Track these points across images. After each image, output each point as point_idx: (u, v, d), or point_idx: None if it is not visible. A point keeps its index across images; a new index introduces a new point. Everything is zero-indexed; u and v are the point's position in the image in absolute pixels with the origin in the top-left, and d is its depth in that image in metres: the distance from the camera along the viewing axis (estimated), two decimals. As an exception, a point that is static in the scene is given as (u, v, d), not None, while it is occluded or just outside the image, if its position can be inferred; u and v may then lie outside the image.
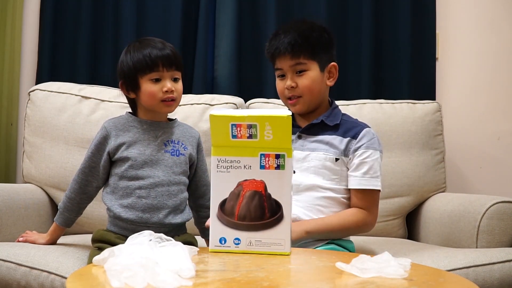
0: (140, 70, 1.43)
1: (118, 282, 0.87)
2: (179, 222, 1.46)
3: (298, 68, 1.59)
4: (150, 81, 1.44)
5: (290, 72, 1.60)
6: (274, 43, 1.61)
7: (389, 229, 2.09)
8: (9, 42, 2.25)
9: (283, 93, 1.64)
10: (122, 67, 1.47)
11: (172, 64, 1.45)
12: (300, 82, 1.59)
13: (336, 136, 1.60)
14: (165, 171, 1.45)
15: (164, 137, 1.48)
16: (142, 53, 1.44)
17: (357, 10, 2.42)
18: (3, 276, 1.39)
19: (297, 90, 1.60)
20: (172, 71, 1.46)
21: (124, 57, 1.48)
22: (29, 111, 2.03)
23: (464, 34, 2.45)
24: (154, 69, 1.43)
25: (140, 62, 1.43)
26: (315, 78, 1.60)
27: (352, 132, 1.61)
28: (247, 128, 1.19)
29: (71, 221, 1.50)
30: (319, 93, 1.63)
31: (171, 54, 1.45)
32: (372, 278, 0.98)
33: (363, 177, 1.57)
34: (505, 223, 1.67)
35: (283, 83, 1.62)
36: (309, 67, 1.60)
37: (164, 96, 1.44)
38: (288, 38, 1.58)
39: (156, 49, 1.44)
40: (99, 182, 1.48)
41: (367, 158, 1.58)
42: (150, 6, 2.40)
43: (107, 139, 1.46)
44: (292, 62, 1.59)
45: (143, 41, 1.48)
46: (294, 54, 1.58)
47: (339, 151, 1.58)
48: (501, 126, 2.40)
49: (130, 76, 1.45)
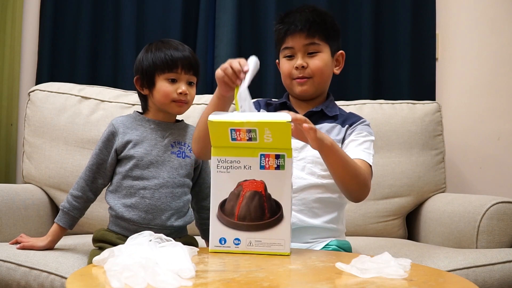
0: (159, 68, 1.45)
1: (118, 282, 0.87)
2: (181, 225, 1.46)
3: (311, 48, 1.55)
4: (166, 81, 1.45)
5: (302, 51, 1.55)
6: (288, 20, 1.56)
7: (389, 230, 2.09)
8: (9, 42, 2.25)
9: (290, 73, 1.57)
10: (141, 63, 1.49)
11: (190, 68, 1.47)
12: (312, 63, 1.54)
13: (335, 125, 1.57)
14: (170, 173, 1.45)
15: (171, 138, 1.49)
16: (164, 52, 1.46)
17: (357, 10, 2.42)
18: (3, 277, 1.39)
19: (307, 71, 1.54)
20: (189, 75, 1.48)
21: (145, 54, 1.50)
22: (29, 112, 2.03)
23: (464, 35, 2.46)
24: (173, 69, 1.45)
25: (161, 60, 1.45)
26: (326, 61, 1.56)
27: (350, 121, 1.58)
28: (247, 132, 1.18)
29: (75, 222, 1.48)
30: (328, 78, 1.59)
31: (192, 58, 1.48)
32: (372, 279, 0.98)
33: (358, 147, 1.51)
34: (505, 223, 1.68)
35: (291, 63, 1.57)
36: (321, 49, 1.55)
37: (177, 97, 1.45)
38: (305, 16, 1.54)
39: (178, 51, 1.47)
40: (106, 180, 1.48)
41: (361, 137, 1.53)
42: (150, 7, 2.40)
43: (115, 136, 1.46)
44: (307, 41, 1.54)
45: (167, 41, 1.51)
46: (309, 33, 1.53)
47: (338, 139, 1.55)
48: (501, 126, 2.40)
49: (148, 72, 1.47)
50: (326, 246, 1.53)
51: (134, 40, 2.35)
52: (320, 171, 1.53)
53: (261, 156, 1.20)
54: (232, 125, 1.18)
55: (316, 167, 1.51)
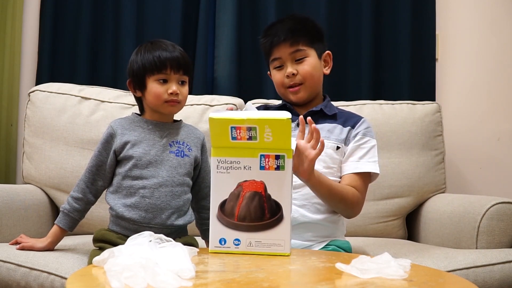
0: (148, 70, 1.46)
1: (118, 282, 0.87)
2: (181, 224, 1.46)
3: (297, 55, 1.59)
4: (157, 82, 1.46)
5: (289, 60, 1.60)
6: (271, 32, 1.61)
7: (389, 230, 2.09)
8: (9, 43, 2.25)
9: (282, 83, 1.62)
10: (132, 66, 1.50)
11: (180, 67, 1.47)
12: (301, 69, 1.59)
13: (336, 125, 1.61)
14: (170, 172, 1.45)
15: (169, 138, 1.49)
16: (152, 53, 1.46)
17: (357, 11, 2.42)
18: (3, 277, 1.39)
19: (298, 77, 1.60)
20: (180, 75, 1.48)
21: (135, 56, 1.50)
22: (29, 112, 2.03)
23: (464, 35, 2.46)
24: (161, 70, 1.45)
25: (149, 62, 1.45)
26: (314, 64, 1.61)
27: (351, 122, 1.63)
28: (247, 130, 1.18)
29: (75, 224, 1.48)
30: (318, 80, 1.64)
31: (180, 57, 1.48)
32: (372, 279, 0.98)
33: (359, 161, 1.57)
34: (505, 223, 1.68)
35: (281, 73, 1.62)
36: (308, 54, 1.60)
37: (169, 98, 1.46)
38: (287, 25, 1.59)
39: (166, 51, 1.47)
40: (106, 182, 1.48)
41: (364, 144, 1.59)
42: (150, 7, 2.40)
43: (114, 137, 1.47)
44: (292, 49, 1.59)
45: (155, 42, 1.51)
46: (293, 40, 1.58)
47: (340, 139, 1.58)
48: (501, 127, 2.40)
49: (139, 75, 1.47)
50: (326, 246, 1.53)
51: (134, 40, 2.35)
52: (323, 168, 1.54)
53: (261, 157, 1.20)
54: (232, 122, 1.18)
55: (319, 164, 1.52)
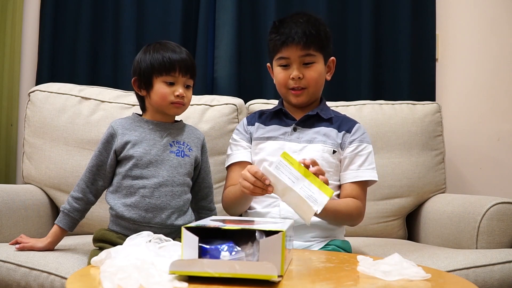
0: (156, 70, 1.46)
1: (110, 284, 0.87)
2: (181, 224, 1.46)
3: (307, 59, 1.58)
4: (164, 83, 1.46)
5: (298, 62, 1.58)
6: (284, 31, 1.58)
7: (389, 230, 2.09)
8: (9, 43, 2.25)
9: (286, 83, 1.61)
10: (139, 65, 1.50)
11: (188, 71, 1.48)
12: (308, 74, 1.59)
13: (332, 129, 1.61)
14: (170, 171, 1.46)
15: (169, 138, 1.50)
16: (162, 54, 1.47)
17: (357, 11, 2.42)
18: (3, 277, 1.39)
19: (303, 82, 1.59)
20: (186, 78, 1.49)
21: (143, 55, 1.50)
22: (29, 112, 2.03)
23: (464, 35, 2.45)
24: (170, 72, 1.46)
25: (159, 62, 1.46)
26: (321, 71, 1.61)
27: (346, 127, 1.63)
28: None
29: (75, 224, 1.48)
30: (321, 86, 1.65)
31: (189, 62, 1.49)
32: (373, 279, 0.98)
33: (359, 169, 1.58)
34: (505, 224, 1.67)
35: (286, 72, 1.60)
36: (316, 60, 1.59)
37: (174, 99, 1.46)
38: (301, 27, 1.56)
39: (176, 53, 1.48)
40: (106, 182, 1.48)
41: (362, 151, 1.59)
42: (150, 7, 2.40)
43: (114, 137, 1.47)
44: (302, 52, 1.57)
45: (165, 43, 1.51)
46: (306, 44, 1.56)
47: (336, 143, 1.59)
48: (501, 127, 2.40)
49: (146, 74, 1.48)
50: (326, 245, 1.53)
51: (134, 40, 2.35)
52: None
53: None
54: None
55: None
